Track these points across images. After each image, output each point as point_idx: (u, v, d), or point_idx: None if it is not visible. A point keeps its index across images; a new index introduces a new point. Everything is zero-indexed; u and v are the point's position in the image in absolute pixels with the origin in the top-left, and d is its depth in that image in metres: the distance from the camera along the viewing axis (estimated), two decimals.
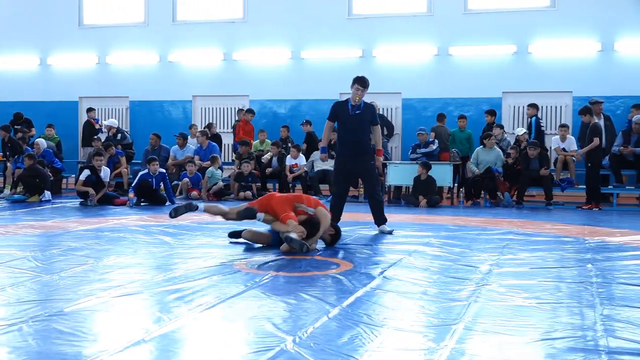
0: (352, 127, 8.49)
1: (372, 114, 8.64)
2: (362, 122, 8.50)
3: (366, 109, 8.55)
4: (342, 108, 8.61)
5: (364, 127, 8.52)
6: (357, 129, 8.50)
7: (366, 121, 8.53)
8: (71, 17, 18.17)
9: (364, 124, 8.51)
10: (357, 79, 8.51)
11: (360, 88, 8.45)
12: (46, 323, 4.19)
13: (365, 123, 8.53)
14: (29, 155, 13.51)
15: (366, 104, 8.62)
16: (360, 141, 8.50)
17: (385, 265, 6.28)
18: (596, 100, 13.62)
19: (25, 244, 7.49)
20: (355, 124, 8.48)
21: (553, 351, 3.76)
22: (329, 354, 3.66)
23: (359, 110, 8.49)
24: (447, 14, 15.86)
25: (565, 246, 7.65)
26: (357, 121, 8.47)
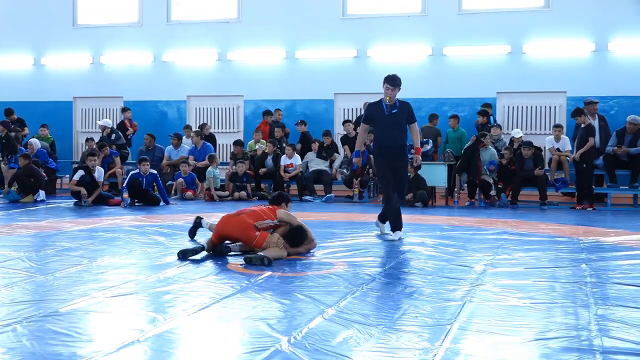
0: (389, 127, 8.23)
1: (409, 112, 8.32)
2: (399, 122, 8.22)
3: (402, 108, 8.26)
4: (377, 109, 8.33)
5: (400, 127, 8.25)
6: (394, 129, 8.22)
7: (403, 121, 8.26)
8: (65, 17, 18.12)
9: (400, 124, 8.24)
10: (387, 78, 8.23)
11: (390, 87, 8.17)
12: (40, 323, 4.19)
13: (402, 123, 8.26)
14: (24, 155, 13.48)
15: (402, 102, 8.30)
16: (397, 142, 8.22)
17: (380, 265, 6.29)
18: (591, 100, 13.65)
19: (20, 244, 7.47)
20: (392, 124, 8.21)
21: (547, 351, 3.77)
22: (323, 354, 3.66)
23: (395, 110, 8.21)
24: (442, 14, 15.88)
25: (559, 246, 7.67)
26: (393, 121, 8.20)
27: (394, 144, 8.21)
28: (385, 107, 8.24)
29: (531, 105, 15.48)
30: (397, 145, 8.22)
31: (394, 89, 8.17)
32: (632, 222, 10.28)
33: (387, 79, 8.21)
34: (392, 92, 8.17)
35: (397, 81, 8.19)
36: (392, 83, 8.17)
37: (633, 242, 7.98)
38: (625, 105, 14.75)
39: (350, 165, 13.98)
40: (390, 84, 8.17)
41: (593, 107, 13.50)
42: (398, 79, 8.22)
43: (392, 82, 8.17)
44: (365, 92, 16.11)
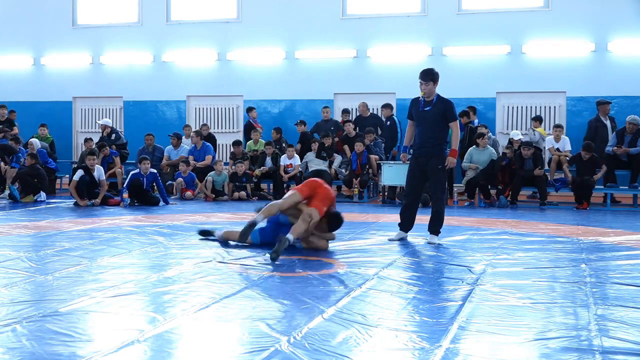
0: (421, 124, 7.97)
1: (445, 110, 7.88)
2: (431, 119, 7.88)
3: (437, 105, 7.89)
4: (414, 104, 8.09)
5: (432, 125, 7.89)
6: (426, 127, 7.91)
7: (436, 118, 7.88)
8: (65, 17, 18.11)
9: (433, 121, 7.88)
10: (420, 73, 7.97)
11: (422, 82, 7.88)
12: (40, 323, 4.19)
13: (435, 120, 7.89)
14: (31, 155, 13.51)
15: (440, 99, 7.93)
16: (428, 140, 7.91)
17: (380, 266, 6.29)
18: (604, 100, 13.64)
19: (19, 244, 7.47)
20: (424, 120, 7.90)
21: (547, 351, 3.77)
22: (323, 354, 3.66)
23: (429, 107, 7.90)
24: (441, 14, 15.87)
25: (559, 246, 7.67)
26: (425, 118, 7.93)
27: (422, 142, 7.96)
28: (421, 103, 8.00)
29: (531, 105, 15.47)
30: (426, 144, 7.93)
31: (426, 83, 7.87)
32: (632, 222, 10.28)
33: (419, 74, 7.96)
34: (424, 86, 7.89)
35: (429, 75, 7.90)
36: (423, 77, 7.91)
37: (633, 242, 7.98)
38: (625, 105, 14.75)
39: (349, 165, 13.98)
40: (421, 79, 7.92)
41: (606, 108, 13.51)
42: (430, 72, 7.94)
43: (423, 76, 7.91)
44: (364, 92, 16.14)
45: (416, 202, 8.21)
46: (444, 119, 7.92)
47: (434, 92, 7.95)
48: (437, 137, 7.94)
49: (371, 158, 13.84)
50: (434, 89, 7.95)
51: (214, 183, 13.80)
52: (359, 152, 13.72)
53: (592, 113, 15.01)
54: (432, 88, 7.92)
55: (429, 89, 7.90)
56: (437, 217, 7.99)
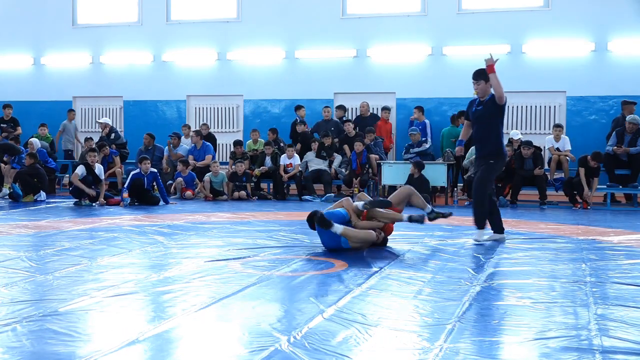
0: (475, 124, 7.92)
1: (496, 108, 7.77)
2: (483, 119, 7.82)
3: (488, 104, 7.80)
4: (470, 105, 8.06)
5: (484, 124, 7.81)
6: (478, 126, 7.86)
7: (486, 117, 7.80)
8: (65, 17, 18.10)
9: (484, 121, 7.81)
10: (473, 73, 7.91)
11: (473, 81, 7.89)
12: (40, 323, 4.19)
13: (487, 119, 7.80)
14: (30, 155, 13.53)
15: (492, 97, 7.78)
16: (480, 140, 7.90)
17: (380, 265, 6.29)
18: (629, 100, 13.62)
19: (19, 243, 7.47)
20: (478, 120, 7.85)
21: (547, 350, 3.77)
22: (323, 353, 3.66)
23: (482, 106, 7.84)
24: (441, 13, 15.86)
25: (559, 246, 7.67)
26: (478, 117, 7.85)
27: (479, 143, 7.93)
28: (476, 103, 7.95)
29: (531, 104, 15.47)
30: (483, 145, 7.89)
31: (477, 82, 7.82)
32: (631, 222, 10.28)
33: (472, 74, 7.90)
34: (476, 86, 7.84)
35: (480, 75, 7.81)
36: (474, 77, 7.86)
37: (633, 242, 7.98)
38: None
39: (349, 165, 13.98)
40: (473, 79, 7.88)
41: (631, 108, 13.49)
42: (479, 71, 7.85)
43: (474, 75, 7.87)
44: (364, 91, 16.13)
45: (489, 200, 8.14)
46: (496, 115, 7.82)
47: (488, 91, 7.83)
48: (492, 135, 7.83)
49: (371, 158, 13.84)
50: (487, 88, 7.83)
51: (212, 183, 13.80)
52: (358, 151, 13.72)
53: (591, 112, 15.03)
54: (485, 87, 7.82)
55: (480, 88, 7.83)
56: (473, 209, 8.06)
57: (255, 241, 7.72)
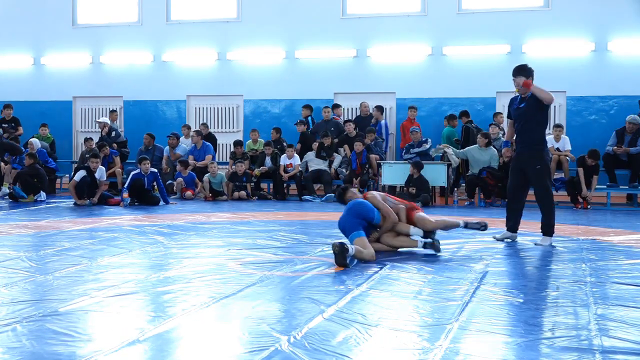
0: (518, 121, 7.79)
1: (539, 103, 7.63)
2: (526, 116, 7.69)
3: (530, 100, 7.66)
4: (512, 103, 7.95)
5: (529, 121, 7.68)
6: (523, 124, 7.72)
7: (531, 113, 7.66)
8: (65, 17, 18.10)
9: (529, 117, 7.67)
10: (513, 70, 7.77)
11: (513, 78, 7.70)
12: (40, 323, 4.19)
13: (531, 115, 7.67)
14: (30, 155, 13.53)
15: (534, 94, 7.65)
16: (526, 139, 7.75)
17: (380, 265, 6.28)
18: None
19: (19, 244, 7.47)
20: (520, 117, 7.72)
21: (547, 350, 3.77)
22: (323, 353, 3.66)
23: (524, 103, 7.71)
24: (441, 14, 15.87)
25: (559, 245, 7.67)
26: (521, 115, 7.73)
27: (521, 141, 7.80)
28: (517, 101, 7.84)
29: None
30: (525, 144, 7.77)
31: (516, 78, 7.65)
32: (631, 222, 10.28)
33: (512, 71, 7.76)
34: (516, 82, 7.66)
35: (519, 71, 7.65)
36: (514, 73, 7.69)
37: (633, 242, 7.98)
38: (624, 105, 14.74)
39: (349, 165, 13.98)
40: (513, 75, 7.71)
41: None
42: (520, 67, 7.68)
43: (514, 72, 7.70)
44: (365, 91, 16.14)
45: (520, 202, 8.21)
46: (539, 113, 7.70)
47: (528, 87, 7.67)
48: (535, 135, 7.73)
49: (371, 158, 13.84)
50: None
51: (211, 184, 13.80)
52: (358, 151, 13.73)
53: (591, 112, 15.03)
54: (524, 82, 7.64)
55: (520, 83, 7.65)
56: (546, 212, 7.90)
57: (255, 241, 7.72)
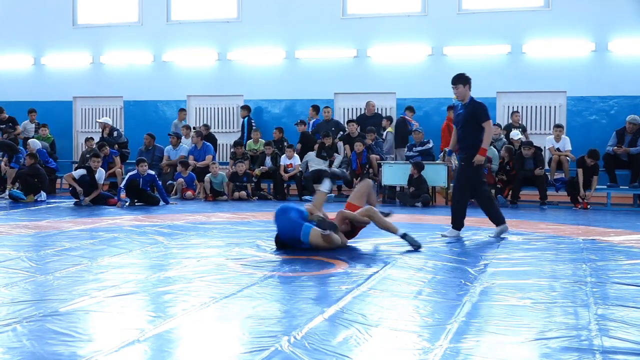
0: (457, 127, 8.32)
1: (475, 111, 8.13)
2: (464, 121, 8.17)
3: (468, 107, 8.18)
4: (455, 109, 8.46)
5: (465, 127, 8.18)
6: (461, 129, 8.23)
7: (468, 120, 8.15)
8: (65, 17, 18.10)
9: (466, 123, 8.16)
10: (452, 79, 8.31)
11: (452, 86, 8.22)
12: (40, 323, 4.19)
13: (467, 122, 8.15)
14: (31, 155, 13.54)
15: (472, 102, 8.20)
16: (463, 140, 8.24)
17: (381, 265, 6.29)
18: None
19: (20, 244, 7.48)
20: (459, 123, 8.27)
21: (547, 351, 3.77)
22: (323, 353, 3.66)
23: (463, 109, 8.24)
24: (442, 14, 15.86)
25: (559, 246, 7.67)
26: (459, 120, 8.25)
27: (460, 144, 8.31)
28: (458, 107, 8.34)
29: (531, 105, 15.47)
30: (462, 147, 8.27)
31: (456, 87, 8.16)
32: (632, 222, 10.28)
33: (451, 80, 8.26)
34: (455, 90, 8.18)
35: (455, 80, 8.17)
36: (453, 81, 8.20)
37: (633, 242, 7.98)
38: (625, 105, 14.74)
39: (349, 165, 13.98)
40: (452, 83, 8.21)
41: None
42: (456, 76, 8.19)
43: (453, 80, 8.21)
44: (365, 91, 16.12)
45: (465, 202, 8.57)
46: (474, 120, 8.13)
47: (467, 94, 8.20)
48: (473, 139, 8.16)
49: (372, 158, 13.84)
50: (466, 91, 8.18)
51: (212, 184, 13.80)
52: (358, 151, 13.73)
53: (592, 113, 15.03)
54: (463, 91, 8.16)
55: (459, 92, 8.16)
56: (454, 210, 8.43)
57: (255, 241, 7.72)
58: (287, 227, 7.07)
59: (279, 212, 7.22)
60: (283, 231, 7.12)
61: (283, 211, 7.19)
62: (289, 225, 7.06)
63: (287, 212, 7.14)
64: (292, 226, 7.04)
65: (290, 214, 7.11)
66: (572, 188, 12.65)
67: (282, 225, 7.13)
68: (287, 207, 7.25)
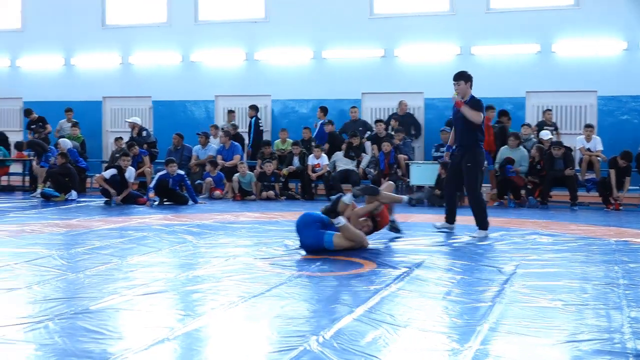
0: (455, 124, 8.44)
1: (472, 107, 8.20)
2: (462, 119, 8.25)
3: (468, 105, 8.22)
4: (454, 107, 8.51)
5: (463, 124, 8.25)
6: (458, 126, 8.35)
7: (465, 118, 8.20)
8: (95, 18, 18.28)
9: (464, 121, 8.23)
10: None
11: (454, 82, 8.30)
12: (72, 321, 4.23)
13: (466, 120, 8.21)
14: (61, 154, 13.70)
15: (472, 99, 8.26)
16: (460, 138, 8.36)
17: (409, 266, 6.26)
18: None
19: (51, 242, 7.56)
20: (457, 121, 8.36)
21: (579, 353, 3.72)
22: (352, 353, 3.65)
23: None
24: (470, 13, 15.75)
25: (591, 247, 7.57)
26: (457, 118, 8.34)
27: (458, 142, 8.44)
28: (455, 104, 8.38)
29: (561, 104, 15.30)
30: (461, 144, 8.38)
31: (457, 83, 8.24)
32: None
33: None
34: (457, 86, 8.26)
35: (457, 76, 8.25)
36: (455, 78, 8.29)
37: None
38: None
39: (377, 165, 13.95)
40: (453, 79, 8.31)
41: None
42: (458, 73, 8.29)
43: (455, 77, 8.30)
44: (392, 91, 16.07)
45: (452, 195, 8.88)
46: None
47: (468, 91, 8.25)
48: (469, 136, 8.28)
49: (399, 158, 13.79)
50: (467, 88, 8.23)
51: (240, 183, 13.84)
52: (386, 151, 13.69)
53: (623, 112, 14.83)
54: (464, 87, 8.21)
55: (460, 88, 8.21)
56: (475, 211, 8.47)
57: (283, 241, 7.73)
58: (311, 241, 7.03)
59: (299, 227, 7.13)
60: (307, 245, 7.06)
61: (303, 226, 7.11)
62: (312, 240, 7.02)
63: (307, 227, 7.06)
64: (315, 240, 7.00)
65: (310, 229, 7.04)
66: (604, 189, 12.49)
67: (304, 241, 7.09)
68: (305, 222, 7.14)
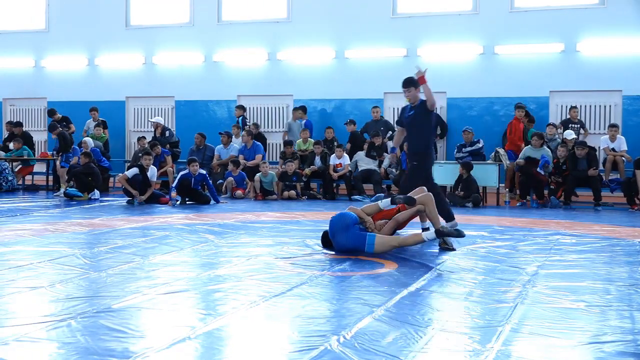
0: (408, 129, 8.36)
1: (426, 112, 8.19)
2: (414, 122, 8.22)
3: (419, 109, 8.21)
4: (403, 111, 8.53)
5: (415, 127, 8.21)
6: (410, 129, 8.32)
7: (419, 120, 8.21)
8: (118, 18, 18.41)
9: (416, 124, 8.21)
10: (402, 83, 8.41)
11: (404, 89, 8.31)
12: (94, 319, 4.26)
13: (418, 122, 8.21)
14: (85, 154, 13.82)
15: (422, 103, 8.23)
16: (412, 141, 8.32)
17: (430, 266, 6.24)
18: None
19: (74, 241, 7.62)
20: (409, 125, 8.30)
21: (602, 355, 3.69)
22: (373, 354, 3.64)
23: (413, 111, 8.29)
24: (493, 12, 15.66)
25: (614, 248, 7.50)
26: (410, 122, 8.28)
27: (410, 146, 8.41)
28: (407, 110, 8.43)
29: (585, 104, 15.16)
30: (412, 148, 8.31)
31: (407, 90, 8.25)
32: None
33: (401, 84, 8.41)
34: (407, 93, 8.28)
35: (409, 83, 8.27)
36: (404, 85, 8.31)
37: None
38: None
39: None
40: (402, 86, 8.34)
41: None
42: (407, 80, 8.33)
43: (404, 84, 8.32)
44: None
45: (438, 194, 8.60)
46: (425, 119, 8.17)
47: (418, 97, 8.29)
48: (421, 139, 8.20)
49: None
50: (416, 94, 8.27)
51: (262, 183, 13.87)
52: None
53: None
54: (414, 94, 8.24)
55: (411, 94, 8.25)
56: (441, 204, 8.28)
57: (305, 240, 7.74)
58: (352, 243, 6.90)
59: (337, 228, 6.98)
60: (345, 246, 6.94)
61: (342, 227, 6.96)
62: (353, 242, 6.90)
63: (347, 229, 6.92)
64: (356, 242, 6.89)
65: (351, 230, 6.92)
66: (629, 189, 12.36)
67: (344, 243, 6.94)
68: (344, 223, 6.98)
